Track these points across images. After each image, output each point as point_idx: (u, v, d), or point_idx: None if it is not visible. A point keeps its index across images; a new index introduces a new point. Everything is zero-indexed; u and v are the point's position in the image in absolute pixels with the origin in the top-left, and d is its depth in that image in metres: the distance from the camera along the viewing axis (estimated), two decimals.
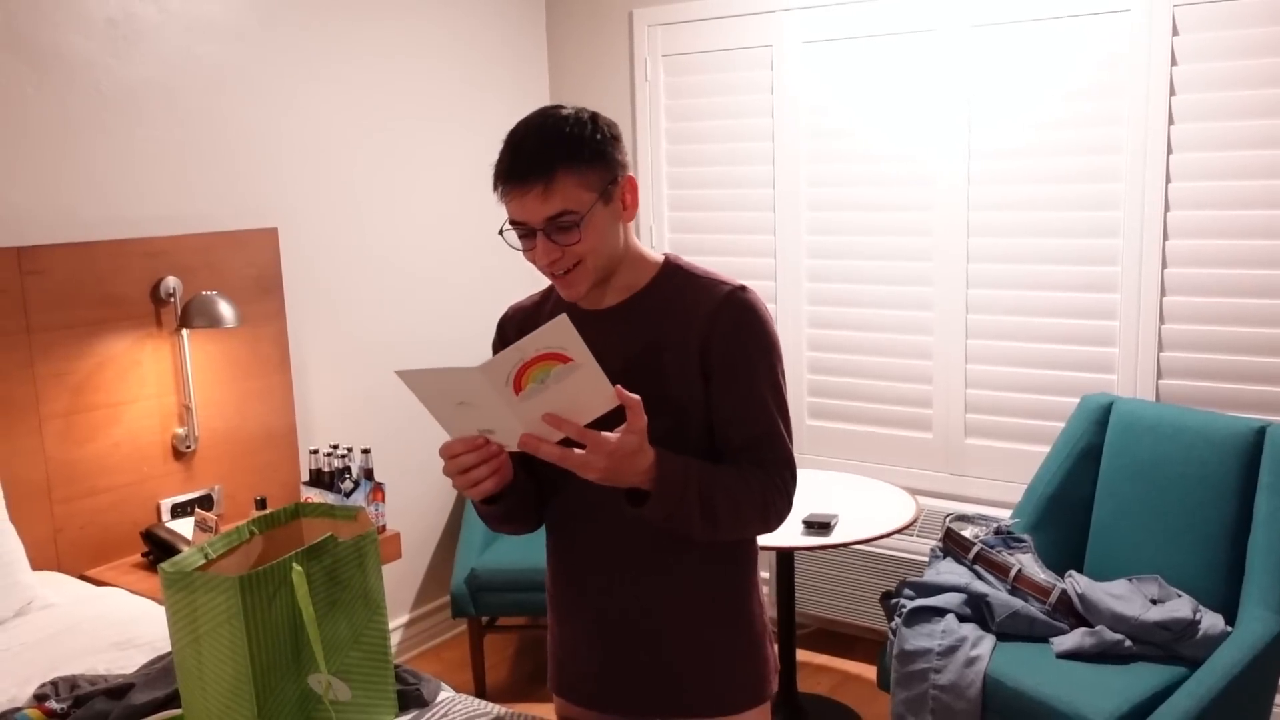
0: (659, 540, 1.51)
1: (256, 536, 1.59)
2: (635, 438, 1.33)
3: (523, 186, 1.41)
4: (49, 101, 2.64)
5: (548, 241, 1.43)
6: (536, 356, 1.24)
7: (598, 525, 1.55)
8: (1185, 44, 2.90)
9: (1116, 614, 2.53)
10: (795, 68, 3.52)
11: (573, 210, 1.41)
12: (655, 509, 1.40)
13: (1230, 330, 2.94)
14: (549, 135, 1.42)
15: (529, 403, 1.28)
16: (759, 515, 1.47)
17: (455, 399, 1.31)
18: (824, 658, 3.54)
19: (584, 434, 1.31)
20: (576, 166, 1.42)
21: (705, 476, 1.43)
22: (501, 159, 1.44)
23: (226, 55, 3.02)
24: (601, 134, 1.45)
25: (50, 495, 2.62)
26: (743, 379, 1.48)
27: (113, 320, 2.72)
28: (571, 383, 1.27)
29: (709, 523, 1.43)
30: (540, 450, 1.32)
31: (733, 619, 1.58)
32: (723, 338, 1.47)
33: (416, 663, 3.62)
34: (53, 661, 2.02)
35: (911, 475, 3.46)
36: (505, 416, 1.30)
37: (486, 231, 3.85)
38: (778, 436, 1.50)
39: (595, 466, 1.33)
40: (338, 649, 1.51)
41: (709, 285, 1.51)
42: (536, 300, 1.66)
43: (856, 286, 3.53)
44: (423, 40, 3.58)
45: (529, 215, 1.42)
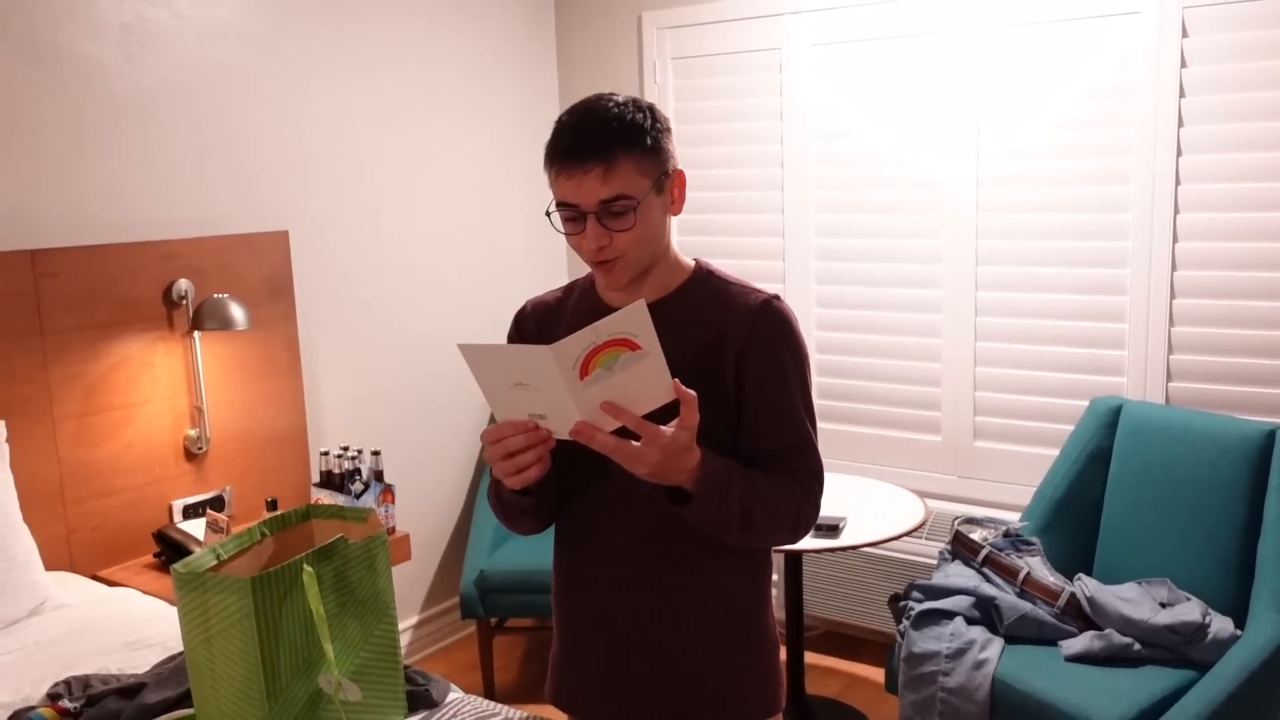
0: (676, 544, 1.50)
1: (268, 538, 1.60)
2: (688, 434, 1.31)
3: (583, 166, 1.39)
4: (63, 106, 2.67)
5: (598, 226, 1.41)
6: (609, 341, 1.23)
7: (615, 526, 1.53)
8: (1195, 46, 2.90)
9: (1126, 617, 2.53)
10: (804, 70, 3.52)
11: (629, 195, 1.40)
12: (698, 509, 1.39)
13: (1240, 333, 2.94)
14: (611, 118, 1.41)
15: (591, 389, 1.26)
16: (790, 525, 1.47)
17: (514, 379, 1.29)
18: (832, 660, 3.54)
19: (641, 425, 1.28)
20: (636, 152, 1.41)
21: (746, 481, 1.42)
22: (559, 138, 1.42)
23: (238, 59, 3.04)
24: (659, 124, 1.45)
25: (64, 496, 2.65)
26: (778, 387, 1.48)
27: (125, 323, 2.74)
28: (635, 372, 1.27)
29: (745, 527, 1.42)
30: (595, 439, 1.29)
31: (747, 630, 1.56)
32: (759, 345, 1.47)
33: (426, 663, 3.63)
34: (66, 661, 2.04)
35: (920, 478, 3.46)
36: (563, 401, 1.28)
37: (497, 233, 3.87)
38: (810, 446, 1.50)
39: (648, 461, 1.30)
40: (348, 649, 1.52)
41: (744, 292, 1.52)
42: (559, 296, 1.64)
43: (865, 289, 3.53)
44: (433, 43, 3.60)
45: (584, 197, 1.40)
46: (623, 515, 1.52)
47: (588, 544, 1.58)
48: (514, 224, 3.91)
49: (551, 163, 1.43)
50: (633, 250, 1.44)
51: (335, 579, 1.50)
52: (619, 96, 1.45)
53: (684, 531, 1.46)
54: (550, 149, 1.43)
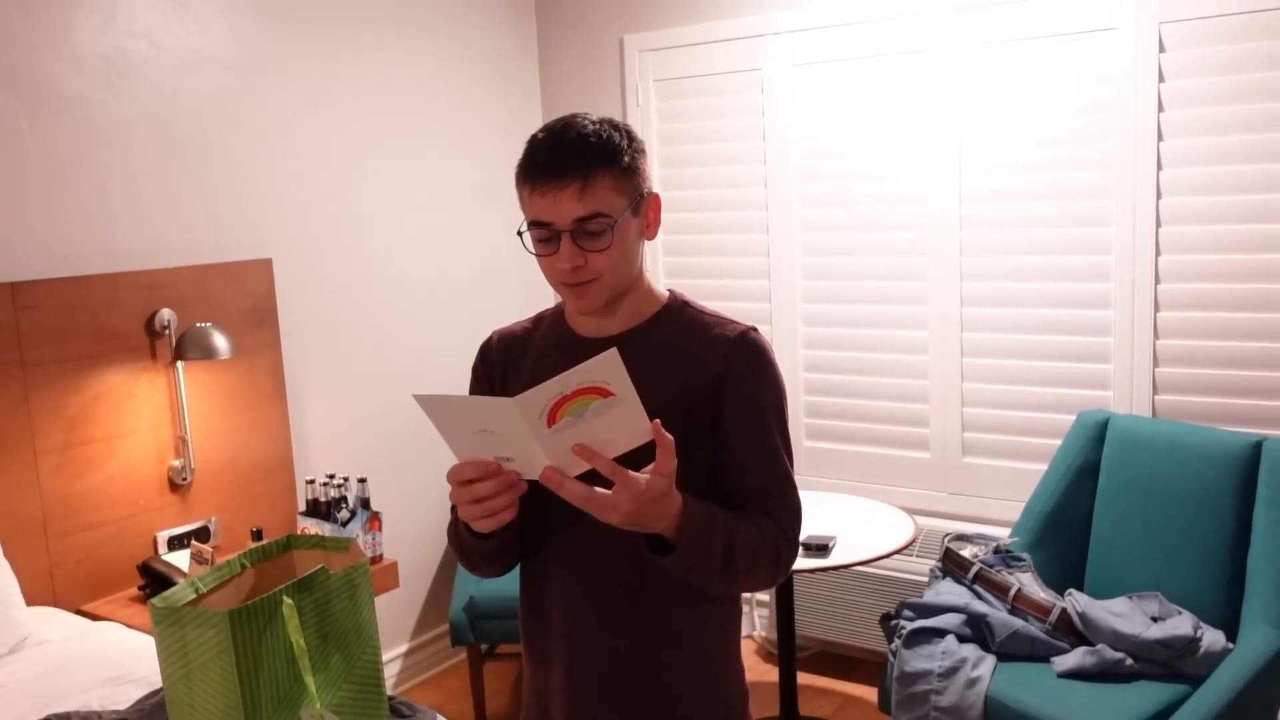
0: (643, 589, 1.43)
1: (248, 570, 1.58)
2: (665, 481, 1.25)
3: (559, 183, 1.34)
4: (42, 137, 2.66)
5: (573, 246, 1.36)
6: (578, 390, 1.18)
7: (581, 569, 1.46)
8: (1172, 61, 2.92)
9: (1117, 632, 2.52)
10: (786, 90, 3.54)
11: (605, 214, 1.36)
12: (680, 558, 1.32)
13: (1225, 345, 2.94)
14: (589, 134, 1.37)
15: (560, 435, 1.21)
16: (769, 568, 1.40)
17: (476, 426, 1.25)
18: (825, 680, 3.52)
19: (615, 471, 1.22)
20: (614, 171, 1.37)
21: (728, 526, 1.35)
22: (534, 154, 1.38)
23: (219, 88, 3.03)
24: (635, 145, 1.41)
25: (46, 530, 2.62)
26: (757, 423, 1.42)
27: (107, 354, 2.73)
28: (609, 417, 1.21)
29: (727, 574, 1.35)
30: (564, 486, 1.24)
31: (711, 682, 1.49)
32: (737, 379, 1.42)
33: (416, 692, 3.60)
34: (47, 698, 2.01)
35: (909, 495, 3.46)
36: (530, 447, 1.23)
37: (482, 258, 3.86)
38: (789, 483, 1.44)
39: (620, 510, 1.23)
40: (331, 682, 1.50)
41: (720, 324, 1.47)
42: (527, 326, 1.59)
43: (851, 307, 3.54)
44: (415, 69, 3.60)
45: (559, 215, 1.35)
46: (589, 559, 1.45)
47: (551, 586, 1.50)
48: (498, 249, 3.91)
49: (526, 179, 1.38)
50: (608, 273, 1.39)
51: (316, 610, 1.48)
52: (594, 116, 1.42)
53: (652, 576, 1.40)
54: (524, 165, 1.39)
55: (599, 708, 1.48)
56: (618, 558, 1.42)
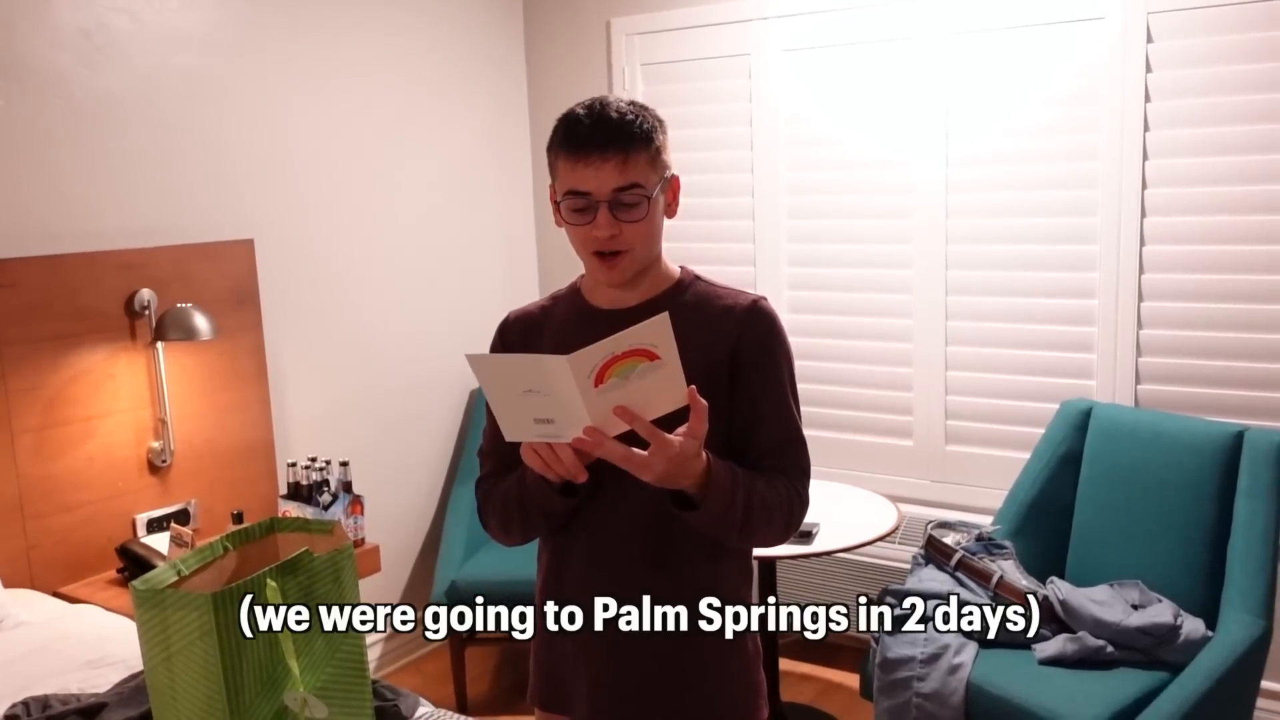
0: (662, 548, 1.51)
1: (230, 552, 1.56)
2: (696, 443, 1.34)
3: (601, 154, 1.42)
4: (20, 113, 2.61)
5: (610, 215, 1.44)
6: (628, 351, 1.25)
7: (602, 530, 1.53)
8: (1160, 51, 2.92)
9: (1098, 620, 2.54)
10: (774, 76, 3.52)
11: (642, 185, 1.45)
12: (703, 514, 1.41)
13: (1208, 335, 2.96)
14: (628, 113, 1.46)
15: (605, 395, 1.28)
16: (783, 524, 1.50)
17: (523, 386, 1.30)
18: (806, 666, 3.53)
19: (653, 434, 1.31)
20: (650, 149, 1.47)
21: (748, 483, 1.44)
22: (577, 127, 1.45)
23: (201, 66, 2.99)
24: (664, 129, 1.51)
25: (23, 511, 2.59)
26: (771, 385, 1.51)
27: (86, 334, 2.69)
28: (651, 380, 1.29)
29: (746, 529, 1.45)
30: (604, 445, 1.31)
31: (734, 634, 1.56)
32: (751, 345, 1.51)
33: (397, 676, 3.59)
34: (24, 681, 1.98)
35: (893, 482, 3.46)
36: (574, 406, 1.29)
37: (467, 240, 3.83)
38: (801, 443, 1.54)
39: (655, 469, 1.33)
40: (314, 665, 1.48)
41: (732, 294, 1.56)
42: (544, 305, 1.64)
43: (836, 294, 3.54)
44: (400, 50, 3.56)
45: (600, 185, 1.43)
46: (610, 520, 1.52)
47: (577, 550, 1.57)
48: (484, 231, 3.89)
49: (567, 151, 1.45)
50: (639, 245, 1.48)
51: (300, 593, 1.47)
52: (624, 98, 1.50)
53: (670, 535, 1.48)
54: (566, 137, 1.46)
55: (619, 663, 1.54)
56: (638, 518, 1.49)
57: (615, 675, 1.55)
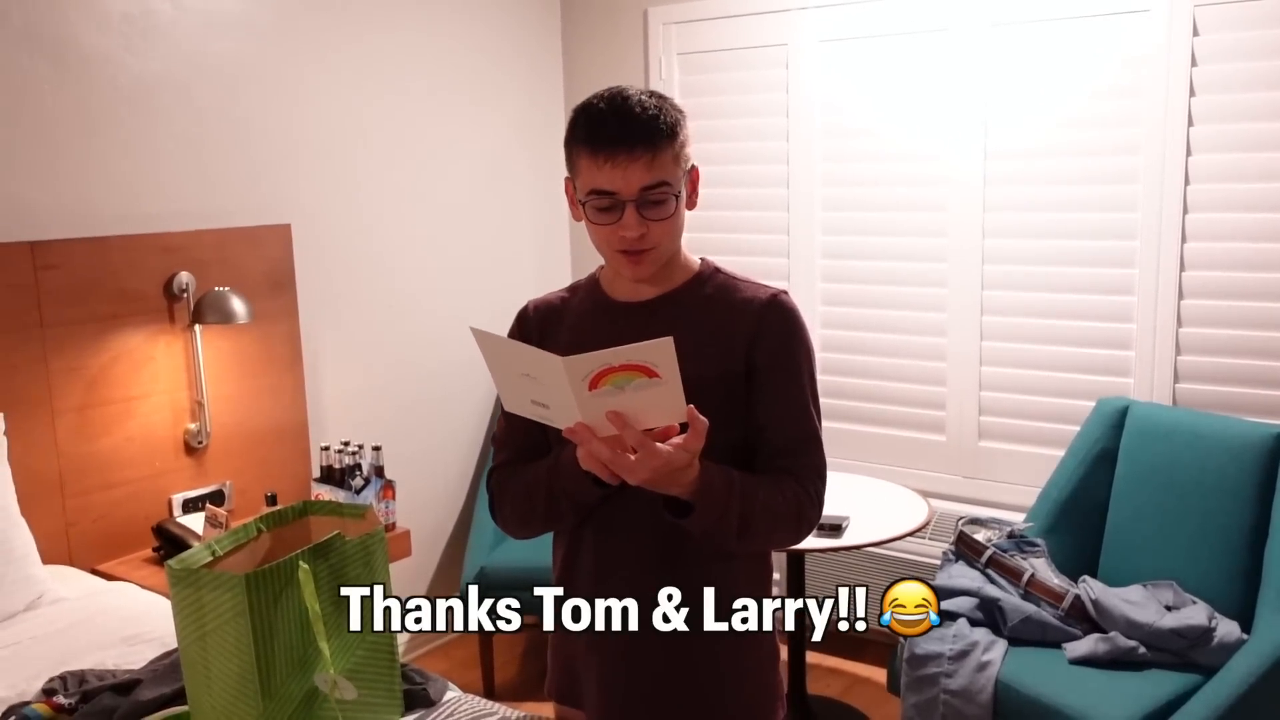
0: (677, 546, 1.48)
1: (264, 534, 1.58)
2: (688, 456, 1.31)
3: (630, 154, 1.38)
4: (65, 97, 2.65)
5: (637, 215, 1.41)
6: (624, 365, 1.24)
7: (617, 527, 1.51)
8: (1205, 45, 2.87)
9: (1131, 620, 2.51)
10: (811, 67, 3.50)
11: (669, 183, 1.41)
12: (696, 520, 1.38)
13: (1249, 334, 2.91)
14: (651, 107, 1.42)
15: (599, 399, 1.27)
16: (792, 527, 1.47)
17: (522, 370, 1.31)
18: (834, 660, 3.52)
19: (641, 441, 1.28)
20: (675, 143, 1.42)
21: (746, 489, 1.40)
22: (600, 124, 1.40)
23: (242, 51, 3.02)
24: (685, 118, 1.46)
25: (63, 489, 2.63)
26: (788, 381, 1.48)
27: (126, 316, 2.73)
28: (648, 395, 1.26)
29: (745, 535, 1.42)
30: (590, 443, 1.29)
31: (748, 635, 1.53)
32: (769, 339, 1.48)
33: (425, 661, 3.62)
34: (62, 656, 2.02)
35: (924, 478, 3.44)
36: (568, 402, 1.29)
37: (501, 226, 3.85)
38: (816, 441, 1.50)
39: (638, 475, 1.30)
40: (345, 647, 1.50)
41: (752, 288, 1.53)
42: (564, 295, 1.62)
43: (870, 287, 3.51)
44: (438, 38, 3.57)
45: (627, 184, 1.39)
46: (622, 516, 1.50)
47: (588, 544, 1.56)
48: (518, 217, 3.89)
49: (592, 149, 1.40)
50: (665, 241, 1.45)
51: (332, 576, 1.49)
52: (642, 88, 1.46)
53: (681, 534, 1.44)
54: (588, 135, 1.41)
55: (633, 660, 1.52)
56: (654, 516, 1.45)
57: (627, 674, 1.54)
